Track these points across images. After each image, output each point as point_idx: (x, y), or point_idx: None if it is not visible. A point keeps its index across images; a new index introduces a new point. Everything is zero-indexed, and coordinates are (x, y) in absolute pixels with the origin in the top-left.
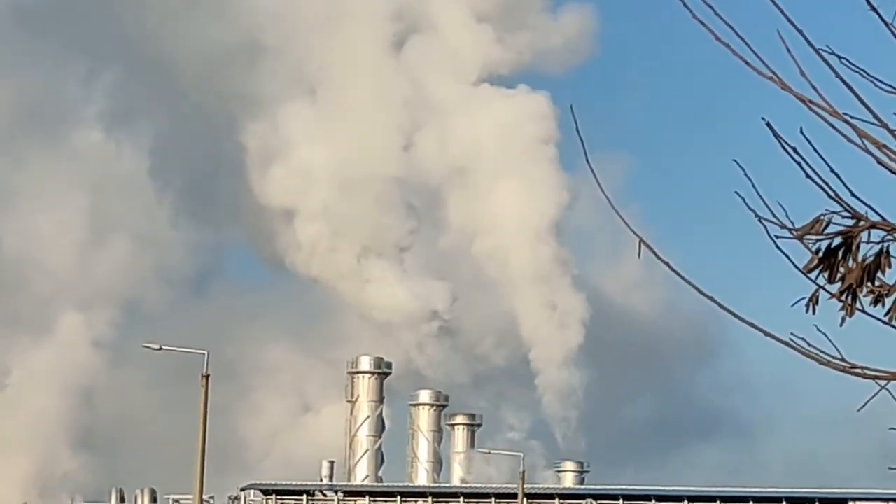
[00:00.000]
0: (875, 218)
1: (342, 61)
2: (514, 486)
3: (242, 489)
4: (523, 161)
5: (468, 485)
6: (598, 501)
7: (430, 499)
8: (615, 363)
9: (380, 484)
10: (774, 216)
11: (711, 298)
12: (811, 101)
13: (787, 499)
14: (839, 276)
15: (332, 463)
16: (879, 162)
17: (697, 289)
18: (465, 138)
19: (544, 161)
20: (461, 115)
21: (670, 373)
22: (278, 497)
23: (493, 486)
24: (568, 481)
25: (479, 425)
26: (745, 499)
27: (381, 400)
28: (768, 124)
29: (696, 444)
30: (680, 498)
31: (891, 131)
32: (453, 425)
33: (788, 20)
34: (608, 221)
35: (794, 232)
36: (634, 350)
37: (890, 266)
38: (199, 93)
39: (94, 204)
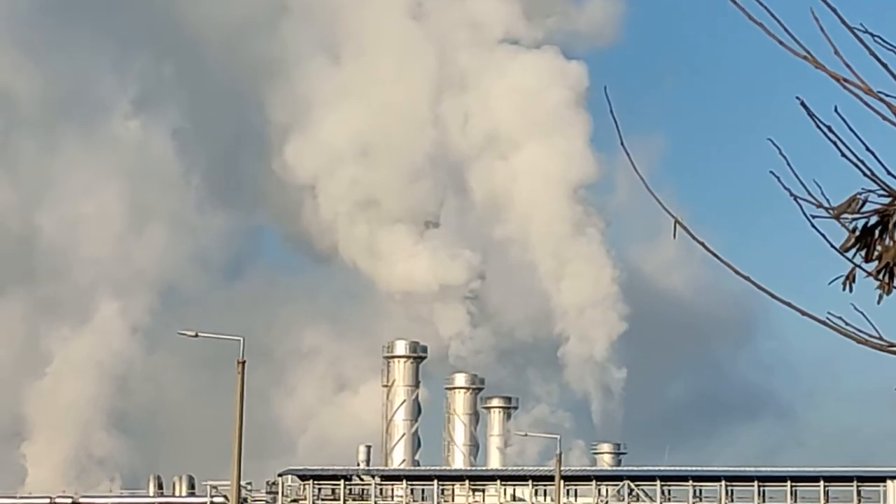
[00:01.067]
0: None
1: (367, 28)
2: (551, 467)
3: (280, 475)
4: (554, 129)
5: (505, 468)
6: (635, 483)
7: (467, 482)
8: (654, 344)
9: (417, 468)
10: (810, 195)
11: (747, 278)
12: (845, 80)
13: (825, 478)
14: (876, 254)
15: (368, 447)
16: None
17: (733, 268)
18: (495, 107)
19: (576, 128)
20: (489, 82)
21: (710, 353)
22: (315, 482)
23: (530, 468)
24: (605, 463)
25: (516, 408)
26: (783, 478)
27: (416, 384)
28: (803, 103)
29: (735, 424)
30: (717, 478)
31: None
32: (489, 408)
33: None
34: (646, 203)
35: (830, 211)
36: (674, 330)
37: None
38: (224, 66)
39: (127, 190)
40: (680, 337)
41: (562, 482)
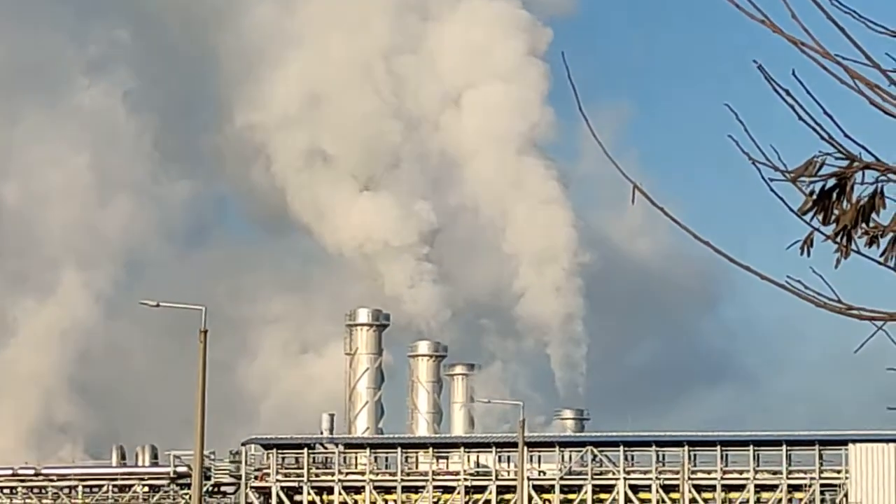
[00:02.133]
0: (869, 159)
1: None
2: (515, 434)
3: (243, 444)
4: (512, 80)
5: (468, 434)
6: (598, 448)
7: (430, 449)
8: (618, 311)
9: (380, 436)
10: (768, 159)
11: (707, 243)
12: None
13: (787, 441)
14: (833, 217)
15: (332, 416)
16: (872, 103)
17: (693, 234)
18: (451, 58)
19: (535, 83)
20: (448, 30)
21: (673, 319)
22: (279, 451)
23: (494, 434)
24: (568, 429)
25: (478, 374)
26: (746, 443)
27: (379, 352)
28: (760, 67)
29: (698, 390)
30: (680, 443)
31: (883, 72)
32: (452, 375)
33: None
34: (611, 169)
35: (787, 174)
36: (638, 297)
37: (884, 206)
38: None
39: (87, 159)
40: (644, 303)
41: (525, 448)
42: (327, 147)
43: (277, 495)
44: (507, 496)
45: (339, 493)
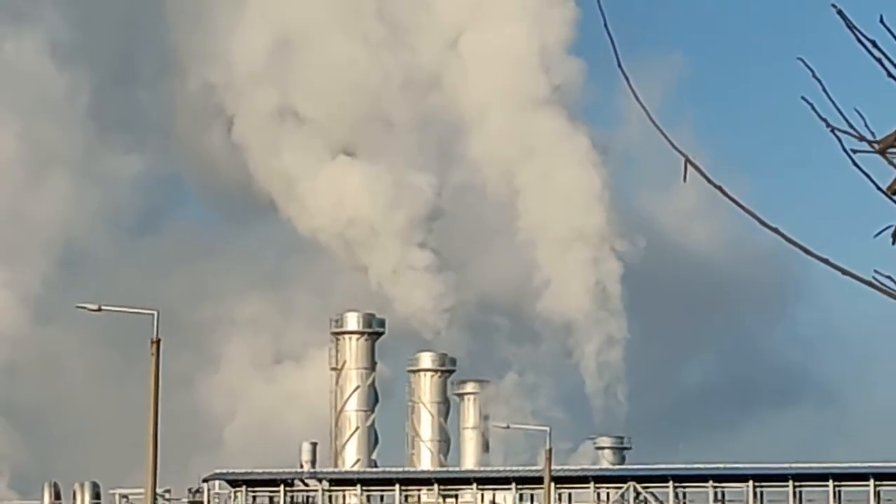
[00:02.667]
0: None
1: None
2: (539, 467)
3: (205, 480)
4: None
5: (483, 468)
6: (643, 484)
7: (436, 486)
8: (667, 313)
9: (374, 469)
10: (851, 126)
11: (776, 230)
12: None
13: (874, 475)
14: None
15: (314, 445)
16: None
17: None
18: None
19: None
20: None
21: (735, 324)
22: (249, 488)
23: (514, 468)
24: (605, 461)
25: (494, 395)
26: (824, 476)
27: (372, 366)
28: (840, 13)
29: (766, 412)
30: (743, 478)
31: None
32: (462, 395)
33: None
34: (658, 139)
35: (874, 145)
36: (692, 297)
37: None
38: None
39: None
40: (698, 305)
41: (552, 485)
42: (300, 106)
43: None
44: None
45: None
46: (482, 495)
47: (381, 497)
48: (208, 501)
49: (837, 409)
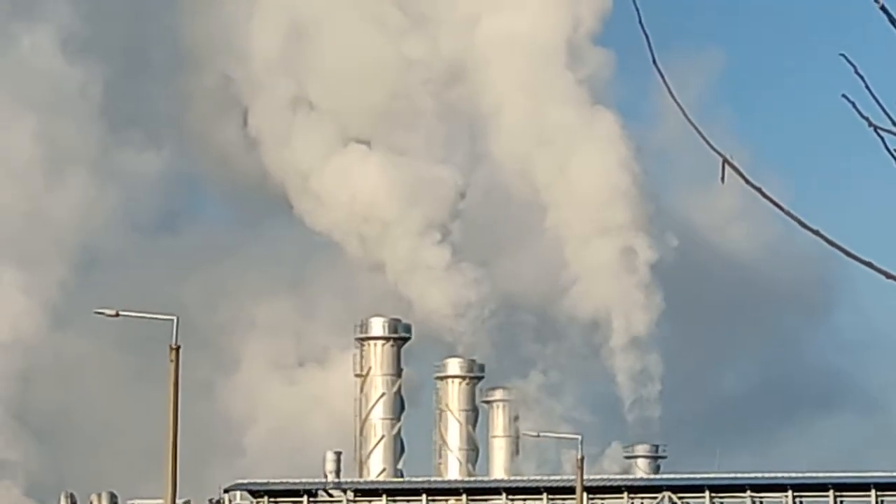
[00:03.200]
0: None
1: None
2: (571, 477)
3: (226, 490)
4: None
5: (512, 478)
6: (678, 494)
7: (464, 496)
8: (703, 317)
9: (400, 479)
10: (894, 124)
11: (817, 232)
12: None
13: None
14: None
15: (338, 454)
16: None
17: (799, 221)
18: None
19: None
20: None
21: (776, 329)
22: (271, 499)
23: (544, 477)
24: (639, 470)
25: (524, 401)
26: (867, 486)
27: (398, 373)
28: (883, 7)
29: (807, 419)
30: (782, 487)
31: None
32: (491, 402)
33: None
34: (694, 137)
35: None
36: (730, 300)
37: None
38: None
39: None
40: (737, 308)
41: (585, 495)
42: (316, 98)
43: None
44: None
45: None
46: None
47: None
48: None
49: (881, 416)
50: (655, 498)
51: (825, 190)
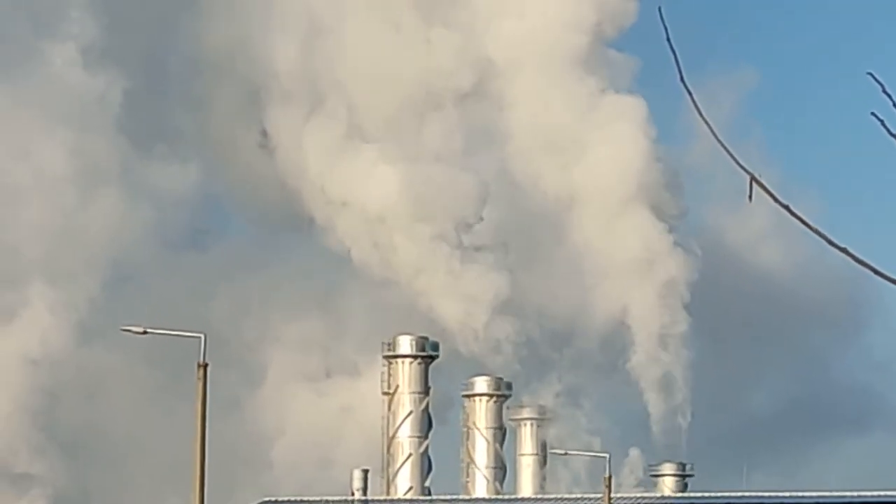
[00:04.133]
0: None
1: None
2: (599, 495)
3: None
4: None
5: (540, 496)
6: None
7: None
8: (732, 336)
9: (427, 497)
10: None
11: (844, 250)
12: None
13: None
14: None
15: (365, 472)
16: None
17: (826, 238)
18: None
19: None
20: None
21: (806, 347)
22: None
23: (571, 496)
24: (666, 489)
25: (552, 419)
26: None
27: (426, 391)
28: None
29: (838, 439)
30: None
31: None
32: (519, 420)
33: None
34: (725, 155)
35: None
36: (759, 319)
37: None
38: None
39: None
40: (768, 326)
41: None
42: (331, 103)
43: None
44: None
45: None
46: None
47: None
48: None
49: None
50: None
51: (855, 208)
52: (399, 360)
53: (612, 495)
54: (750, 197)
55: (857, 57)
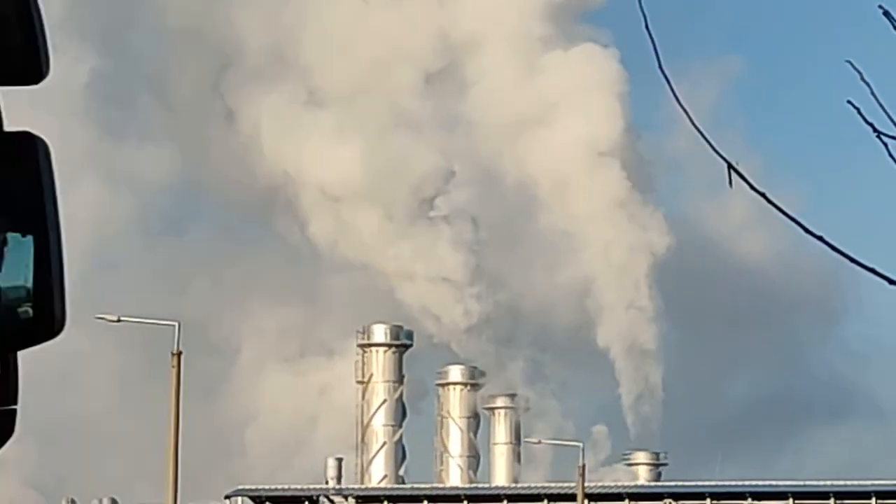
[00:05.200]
0: None
1: None
2: (572, 484)
3: (227, 496)
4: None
5: (514, 485)
6: (679, 501)
7: (465, 502)
8: (707, 325)
9: (401, 486)
10: None
11: (820, 238)
12: None
13: None
14: None
15: (340, 460)
16: None
17: (802, 226)
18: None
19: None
20: None
21: (782, 337)
22: None
23: (545, 485)
24: (640, 477)
25: (527, 408)
26: (867, 494)
27: (400, 379)
28: (886, 13)
29: (812, 429)
30: (784, 495)
31: None
32: (492, 409)
33: None
34: (707, 149)
35: None
36: (735, 308)
37: None
38: None
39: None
40: (744, 316)
41: (586, 502)
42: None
43: None
44: None
45: None
46: None
47: None
48: None
49: (889, 425)
50: None
51: (836, 197)
52: (373, 349)
53: (586, 483)
54: (730, 183)
55: (842, 43)
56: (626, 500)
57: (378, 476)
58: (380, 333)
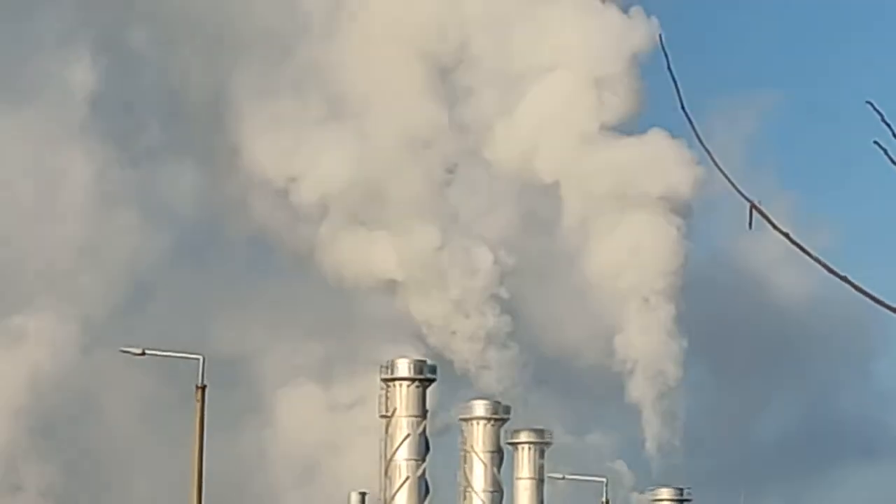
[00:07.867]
0: None
1: None
2: None
3: None
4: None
5: None
6: None
7: None
8: (734, 363)
9: None
10: None
11: (845, 279)
12: None
13: None
14: None
15: (363, 495)
16: None
17: (827, 266)
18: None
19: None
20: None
21: (810, 377)
22: None
23: None
24: None
25: (549, 443)
26: None
27: (423, 414)
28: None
29: (841, 468)
30: None
31: None
32: (516, 444)
33: None
34: (740, 183)
35: None
36: (763, 347)
37: None
38: None
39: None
40: (771, 355)
41: None
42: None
43: None
44: None
45: None
46: None
47: None
48: None
49: None
50: None
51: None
52: (397, 383)
53: None
54: (750, 224)
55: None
56: None
57: None
58: (403, 368)
